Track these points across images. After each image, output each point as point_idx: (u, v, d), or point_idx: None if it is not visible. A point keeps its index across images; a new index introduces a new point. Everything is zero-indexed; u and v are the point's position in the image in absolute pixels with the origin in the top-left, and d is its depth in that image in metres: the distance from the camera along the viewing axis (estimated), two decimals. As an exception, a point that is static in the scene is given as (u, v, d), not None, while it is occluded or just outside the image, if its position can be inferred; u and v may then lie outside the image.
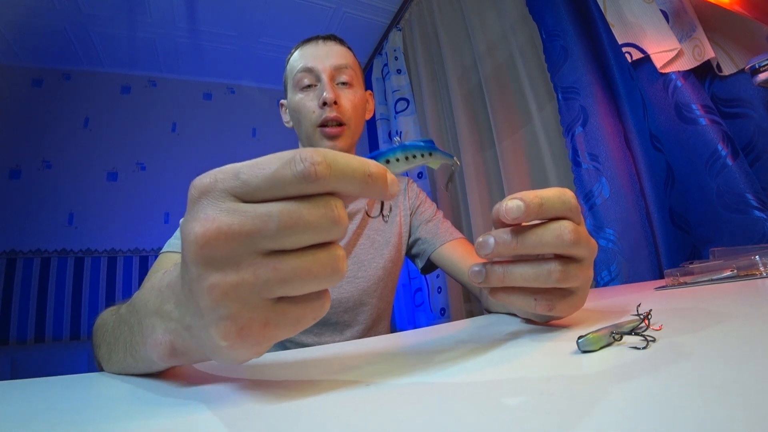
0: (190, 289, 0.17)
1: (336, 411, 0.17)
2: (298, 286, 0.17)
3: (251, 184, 0.17)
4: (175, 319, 0.20)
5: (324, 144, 0.66)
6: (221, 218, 0.16)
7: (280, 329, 0.18)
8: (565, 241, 0.25)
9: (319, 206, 0.17)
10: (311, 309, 0.19)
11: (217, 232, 0.16)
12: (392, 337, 0.42)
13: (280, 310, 0.18)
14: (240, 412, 0.18)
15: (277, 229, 0.16)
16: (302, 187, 0.17)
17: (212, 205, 0.17)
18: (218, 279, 0.16)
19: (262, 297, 0.17)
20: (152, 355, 0.22)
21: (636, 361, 0.19)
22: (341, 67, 0.67)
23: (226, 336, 0.17)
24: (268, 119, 2.50)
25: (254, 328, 0.17)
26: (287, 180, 0.17)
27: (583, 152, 0.88)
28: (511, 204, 0.24)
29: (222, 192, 0.17)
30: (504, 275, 0.26)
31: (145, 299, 0.23)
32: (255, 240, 0.16)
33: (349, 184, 0.18)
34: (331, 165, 0.17)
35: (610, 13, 0.81)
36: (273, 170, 0.17)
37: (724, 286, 0.43)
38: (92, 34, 1.94)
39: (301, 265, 0.17)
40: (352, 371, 0.24)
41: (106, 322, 0.33)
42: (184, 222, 0.17)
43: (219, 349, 0.17)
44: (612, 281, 0.81)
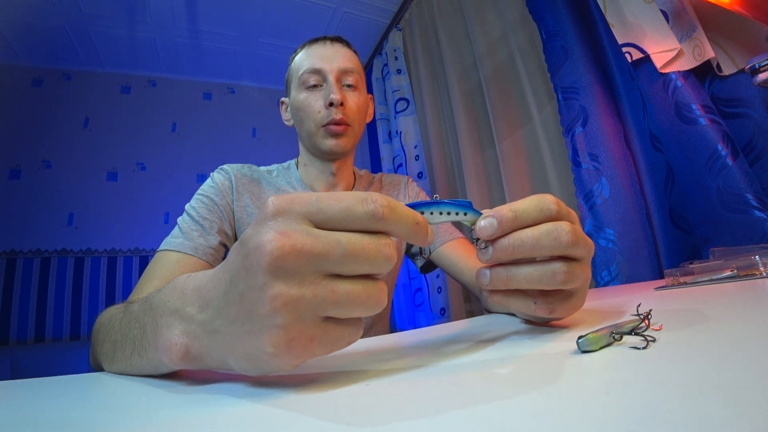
0: (247, 295, 0.18)
1: (336, 411, 0.17)
2: (347, 309, 0.19)
3: (326, 212, 0.19)
4: (198, 322, 0.21)
5: (327, 142, 0.65)
6: (297, 236, 0.18)
7: (321, 346, 0.19)
8: (563, 242, 0.25)
9: (378, 243, 0.20)
10: (349, 333, 0.20)
11: (292, 247, 0.18)
12: (392, 337, 0.42)
13: (326, 329, 0.19)
14: (240, 411, 0.18)
15: (342, 255, 0.18)
16: (368, 223, 0.19)
17: (288, 223, 0.19)
18: (282, 290, 0.18)
19: (315, 314, 0.19)
20: (162, 356, 0.22)
21: (636, 361, 0.19)
22: (348, 71, 0.67)
23: (275, 343, 0.18)
24: (268, 119, 2.50)
25: (301, 342, 0.19)
26: (358, 215, 0.19)
27: (583, 152, 0.88)
28: (484, 223, 0.25)
29: (299, 214, 0.19)
30: (507, 277, 0.26)
31: (165, 299, 0.24)
32: (321, 262, 0.18)
33: (402, 228, 0.21)
34: (393, 209, 0.20)
35: (610, 13, 0.81)
36: (348, 204, 0.19)
37: (724, 286, 0.43)
38: (92, 34, 1.94)
39: (353, 290, 0.19)
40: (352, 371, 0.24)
41: (112, 319, 0.33)
42: (254, 233, 0.19)
43: (258, 356, 0.19)
44: (612, 281, 0.81)
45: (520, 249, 0.25)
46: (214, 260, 0.58)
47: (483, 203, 1.37)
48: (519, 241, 0.25)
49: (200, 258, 0.56)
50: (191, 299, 0.22)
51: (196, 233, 0.58)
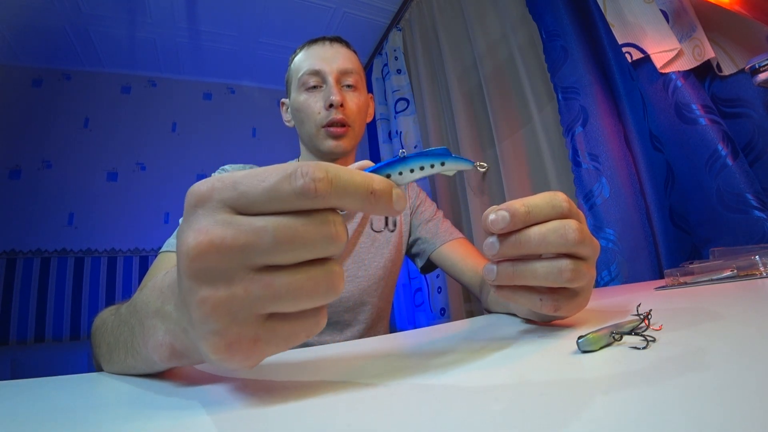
0: (184, 301, 0.17)
1: (336, 411, 0.17)
2: (290, 303, 0.17)
3: (249, 196, 0.16)
4: (175, 321, 0.20)
5: (328, 143, 0.66)
6: (215, 230, 0.16)
7: (270, 346, 0.17)
8: (570, 240, 0.25)
9: (316, 222, 0.17)
10: (303, 327, 0.18)
11: (209, 244, 0.16)
12: (392, 337, 0.42)
13: (271, 327, 0.17)
14: (240, 412, 0.18)
15: (272, 245, 0.16)
16: (301, 202, 0.16)
17: (207, 215, 0.16)
18: (209, 293, 0.16)
19: (253, 313, 0.17)
20: (153, 356, 0.22)
21: (636, 361, 0.19)
22: (347, 71, 0.67)
23: (214, 350, 0.16)
24: (268, 119, 2.50)
25: (243, 344, 0.17)
26: (286, 194, 0.16)
27: (583, 152, 0.88)
28: (496, 216, 0.24)
29: (218, 202, 0.17)
30: (514, 273, 0.26)
31: (147, 300, 0.23)
32: (248, 254, 0.16)
33: (351, 201, 0.17)
34: (333, 181, 0.17)
35: (610, 13, 0.81)
36: (272, 183, 0.16)
37: (724, 286, 0.43)
38: (92, 34, 1.94)
39: (294, 281, 0.17)
40: (352, 371, 0.24)
41: (105, 322, 0.33)
42: (179, 231, 0.17)
43: (209, 360, 0.17)
44: (612, 281, 0.81)
45: (527, 244, 0.24)
46: None
47: (483, 203, 1.37)
48: (526, 237, 0.24)
49: None
50: (167, 297, 0.21)
51: None
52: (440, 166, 0.22)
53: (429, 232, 0.75)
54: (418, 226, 0.77)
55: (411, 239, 0.78)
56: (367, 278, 0.69)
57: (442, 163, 0.22)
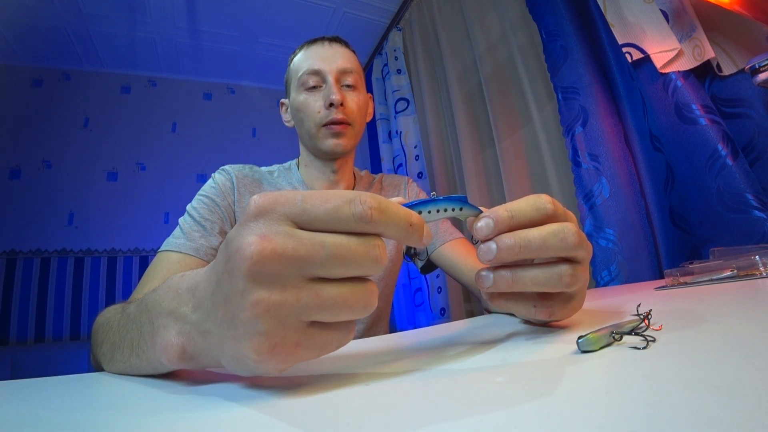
0: (230, 299, 0.18)
1: (336, 411, 0.17)
2: (333, 313, 0.18)
3: (311, 213, 0.18)
4: (191, 323, 0.21)
5: (328, 142, 0.66)
6: (278, 239, 0.17)
7: (307, 352, 0.19)
8: (570, 243, 0.24)
9: (366, 245, 0.19)
10: (337, 337, 0.20)
11: (272, 252, 0.17)
12: (392, 337, 0.42)
13: (311, 334, 0.19)
14: (240, 412, 0.18)
15: (327, 259, 0.18)
16: (356, 225, 0.18)
17: (269, 225, 0.18)
18: (263, 296, 0.17)
19: (299, 319, 0.18)
20: (161, 356, 0.22)
21: (636, 361, 0.19)
22: (347, 71, 0.67)
23: (258, 351, 0.18)
24: (268, 119, 2.50)
25: (285, 348, 0.18)
26: (345, 216, 0.18)
27: (583, 152, 0.88)
28: (481, 224, 0.25)
29: (281, 215, 0.18)
30: (512, 280, 0.25)
31: (160, 299, 0.23)
32: (304, 265, 0.18)
33: (394, 230, 0.20)
34: (384, 211, 0.19)
35: (610, 13, 0.81)
36: (334, 206, 0.18)
37: (724, 286, 0.43)
38: (92, 34, 1.94)
39: (340, 294, 0.18)
40: (352, 371, 0.24)
41: (110, 320, 0.32)
42: (236, 235, 0.18)
43: (244, 360, 0.18)
44: (612, 281, 0.81)
45: (526, 249, 0.24)
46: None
47: (483, 203, 1.37)
48: (525, 241, 0.24)
49: (201, 259, 0.56)
50: (185, 299, 0.22)
51: (198, 234, 0.58)
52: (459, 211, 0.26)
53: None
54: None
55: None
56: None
57: (461, 209, 0.26)
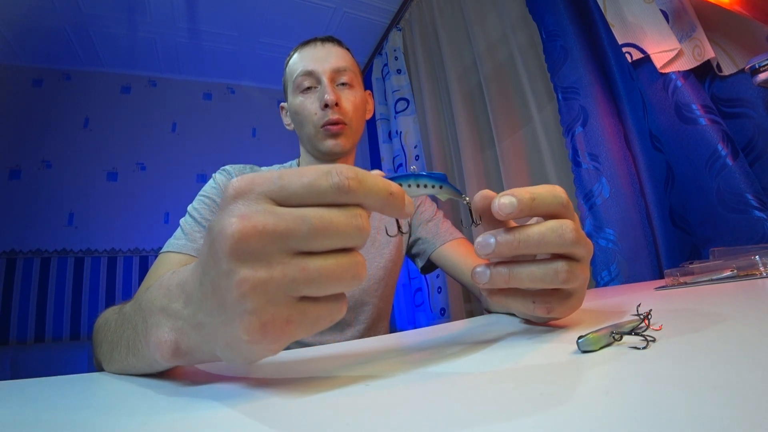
0: (217, 284, 0.18)
1: (336, 411, 0.17)
2: (321, 286, 0.18)
3: (289, 188, 0.18)
4: (183, 318, 0.21)
5: (326, 143, 0.66)
6: (258, 217, 0.17)
7: (300, 328, 0.19)
8: (567, 240, 0.25)
9: (348, 215, 0.19)
10: (329, 310, 0.20)
11: (253, 229, 0.17)
12: (392, 337, 0.42)
13: (302, 309, 0.19)
14: (240, 412, 0.18)
15: (309, 232, 0.18)
16: (335, 196, 0.19)
17: (248, 205, 0.18)
18: (249, 274, 0.17)
19: (287, 295, 0.18)
20: (155, 354, 0.22)
21: (636, 361, 0.19)
22: (341, 69, 0.67)
23: (249, 330, 0.17)
24: (268, 119, 2.50)
25: (276, 325, 0.18)
26: (323, 189, 0.18)
27: (583, 152, 0.88)
28: (505, 200, 0.24)
29: (259, 194, 0.18)
30: (509, 276, 0.25)
31: (152, 297, 0.23)
32: (287, 240, 0.18)
33: (374, 199, 0.20)
34: (361, 181, 0.19)
35: (610, 13, 0.81)
36: (311, 179, 0.18)
37: (724, 286, 0.43)
38: (92, 34, 1.94)
39: (326, 266, 0.18)
40: (352, 371, 0.24)
41: (108, 320, 0.33)
42: (217, 220, 0.18)
43: (237, 344, 0.18)
44: (612, 281, 0.81)
45: (525, 244, 0.24)
46: None
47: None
48: (524, 236, 0.24)
49: None
50: (176, 295, 0.22)
51: (199, 234, 0.58)
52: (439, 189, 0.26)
53: (429, 232, 0.75)
54: (418, 227, 0.77)
55: (411, 239, 0.78)
56: (368, 278, 0.69)
57: (441, 186, 0.26)
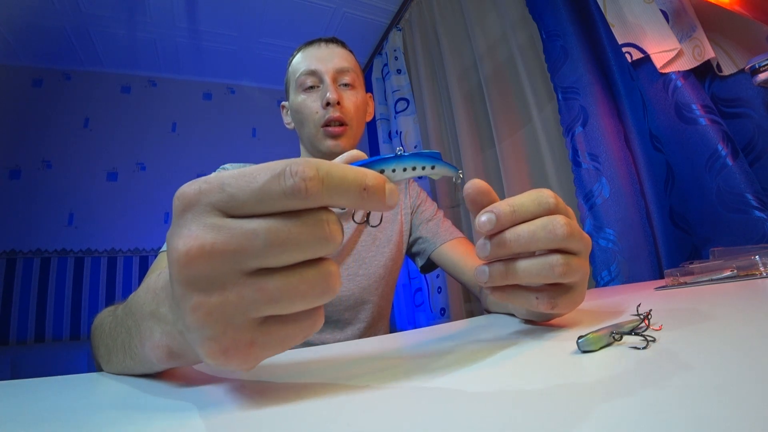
0: (176, 306, 0.17)
1: (335, 412, 0.17)
2: (285, 305, 0.17)
3: (237, 198, 0.16)
4: (170, 323, 0.20)
5: (327, 143, 0.66)
6: (204, 235, 0.16)
7: (266, 349, 0.17)
8: (558, 234, 0.25)
9: (308, 223, 0.16)
10: (300, 329, 0.18)
11: (200, 250, 0.15)
12: (392, 337, 0.42)
13: (266, 330, 0.17)
14: (238, 413, 0.18)
15: (263, 248, 0.16)
16: (291, 203, 0.16)
17: (196, 220, 0.16)
18: (202, 299, 0.16)
19: (247, 317, 0.16)
20: (151, 356, 0.22)
21: (636, 361, 0.19)
22: (344, 70, 0.68)
23: (211, 356, 0.16)
24: (268, 119, 2.50)
25: (239, 349, 0.16)
26: (275, 195, 0.16)
27: (583, 152, 0.88)
28: (483, 218, 0.25)
29: (207, 206, 0.16)
30: (507, 272, 0.26)
31: (141, 301, 0.23)
32: (240, 259, 0.16)
33: (343, 198, 0.17)
34: (324, 180, 0.16)
35: (610, 13, 0.81)
36: (260, 184, 0.16)
37: (724, 286, 0.43)
38: (92, 34, 1.94)
39: (288, 284, 0.16)
40: (352, 372, 0.24)
41: (103, 323, 0.32)
42: (168, 236, 0.17)
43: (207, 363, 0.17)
44: (612, 281, 0.81)
45: (516, 243, 0.25)
46: None
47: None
48: (515, 235, 0.25)
49: None
50: (162, 299, 0.21)
51: None
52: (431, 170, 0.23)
53: (429, 231, 0.75)
54: (418, 226, 0.77)
55: (411, 238, 0.78)
56: (368, 277, 0.69)
57: (433, 167, 0.23)
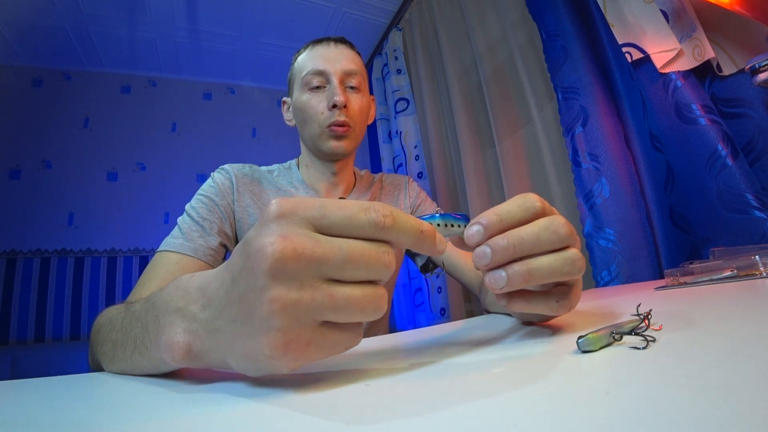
0: (247, 296, 0.19)
1: (336, 410, 0.17)
2: (345, 313, 0.19)
3: (330, 218, 0.20)
4: (199, 321, 0.21)
5: (329, 144, 0.65)
6: (299, 240, 0.18)
7: (318, 351, 0.20)
8: (562, 235, 0.25)
9: (378, 250, 0.20)
10: (347, 338, 0.20)
11: (293, 251, 0.18)
12: (392, 337, 0.42)
13: (323, 333, 0.19)
14: (239, 411, 0.18)
15: (343, 261, 0.19)
16: (371, 231, 0.20)
17: (291, 226, 0.19)
18: (281, 293, 0.18)
19: (313, 318, 0.19)
20: (165, 354, 0.22)
21: (636, 361, 0.19)
22: (351, 72, 0.67)
23: (272, 346, 0.18)
24: (268, 119, 2.50)
25: (299, 345, 0.19)
26: (361, 223, 0.20)
27: (583, 152, 0.88)
28: (471, 231, 0.25)
29: (302, 218, 0.19)
30: (528, 273, 0.24)
31: (168, 298, 0.24)
32: (321, 266, 0.19)
33: (406, 236, 0.21)
34: (396, 219, 0.20)
35: (610, 13, 0.81)
36: (351, 212, 0.20)
37: (724, 286, 0.43)
38: (92, 34, 1.94)
39: (352, 295, 0.19)
40: (352, 371, 0.24)
41: (112, 319, 0.33)
42: (257, 235, 0.19)
43: (256, 357, 0.19)
44: (612, 281, 0.81)
45: (520, 247, 0.24)
46: (214, 261, 0.58)
47: (483, 203, 1.37)
48: (518, 240, 0.24)
49: (200, 259, 0.56)
50: (194, 298, 0.22)
51: (196, 234, 0.58)
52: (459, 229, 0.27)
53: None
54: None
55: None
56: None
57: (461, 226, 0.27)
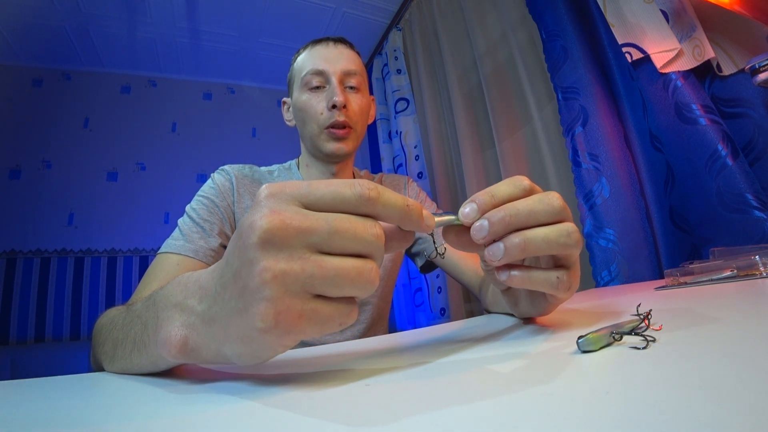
0: (239, 272, 0.19)
1: (335, 410, 0.17)
2: (336, 285, 0.19)
3: (316, 194, 0.20)
4: (196, 313, 0.22)
5: (330, 146, 0.65)
6: (286, 213, 0.19)
7: (311, 325, 0.20)
8: (556, 207, 0.25)
9: (366, 222, 0.20)
10: (340, 313, 0.20)
11: (281, 222, 0.19)
12: (392, 337, 0.42)
13: (314, 306, 0.20)
14: (240, 410, 0.18)
15: (330, 231, 0.19)
16: (357, 204, 0.20)
17: (280, 203, 0.20)
18: (271, 263, 0.18)
19: (303, 289, 0.19)
20: (161, 349, 0.22)
21: (636, 361, 0.19)
22: (351, 72, 0.67)
23: (263, 316, 0.18)
24: (268, 119, 2.50)
25: (290, 316, 0.19)
26: (346, 196, 0.20)
27: (583, 152, 0.88)
28: (466, 210, 0.25)
29: (289, 195, 0.20)
30: (524, 242, 0.24)
31: (168, 294, 0.24)
32: (309, 236, 0.19)
33: (392, 210, 0.21)
34: (381, 193, 0.21)
35: (610, 13, 0.81)
36: (337, 187, 0.20)
37: (724, 286, 0.43)
38: (92, 34, 1.94)
39: (342, 266, 0.19)
40: (352, 371, 0.24)
41: (114, 319, 0.33)
42: (248, 215, 0.20)
43: (249, 334, 0.19)
44: (612, 281, 0.81)
45: (516, 218, 0.24)
46: (214, 262, 0.58)
47: None
48: (514, 210, 0.24)
49: (200, 260, 0.56)
50: (192, 291, 0.23)
51: (197, 235, 0.58)
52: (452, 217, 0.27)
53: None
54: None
55: (411, 239, 0.78)
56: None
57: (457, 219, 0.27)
